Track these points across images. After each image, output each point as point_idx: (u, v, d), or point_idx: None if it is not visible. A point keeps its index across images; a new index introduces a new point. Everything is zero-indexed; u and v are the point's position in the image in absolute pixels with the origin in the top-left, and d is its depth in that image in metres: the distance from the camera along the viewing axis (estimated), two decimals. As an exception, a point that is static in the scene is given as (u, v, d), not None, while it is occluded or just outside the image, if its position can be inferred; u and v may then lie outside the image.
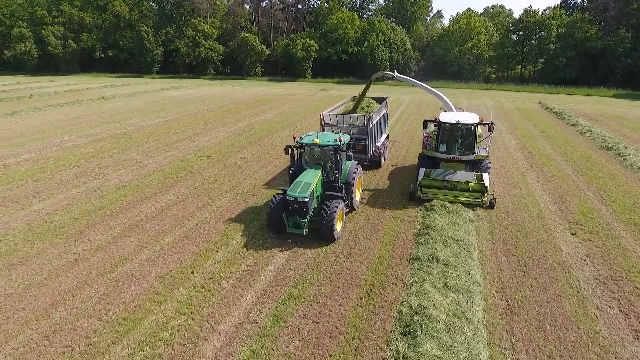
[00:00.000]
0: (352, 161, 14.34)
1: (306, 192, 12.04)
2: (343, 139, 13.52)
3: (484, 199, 14.80)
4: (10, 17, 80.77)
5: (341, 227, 12.80)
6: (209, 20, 78.42)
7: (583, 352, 8.28)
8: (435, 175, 15.58)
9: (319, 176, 12.97)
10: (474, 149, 15.80)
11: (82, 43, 77.90)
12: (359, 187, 15.08)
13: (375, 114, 18.35)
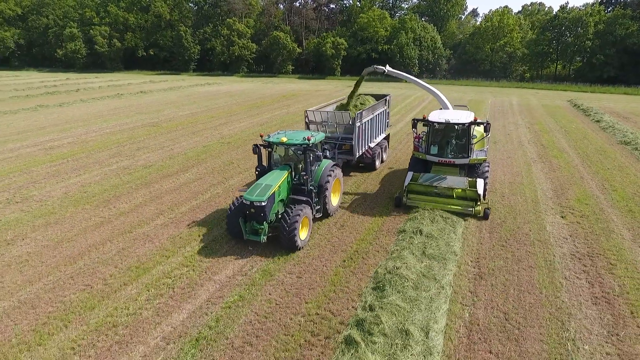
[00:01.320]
0: (329, 162, 13.30)
1: (263, 196, 10.94)
2: (313, 137, 12.35)
3: (476, 208, 13.27)
4: (62, 19, 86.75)
5: (307, 234, 11.70)
6: (244, 20, 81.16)
7: (538, 312, 8.95)
8: (424, 180, 14.26)
9: (284, 178, 11.89)
10: (468, 152, 14.28)
11: (126, 42, 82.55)
12: (336, 190, 13.90)
13: (366, 112, 16.91)
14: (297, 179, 12.48)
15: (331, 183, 12.96)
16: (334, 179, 13.23)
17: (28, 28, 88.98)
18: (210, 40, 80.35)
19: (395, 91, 46.17)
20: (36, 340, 8.16)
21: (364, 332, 8.04)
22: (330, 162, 13.41)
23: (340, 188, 14.24)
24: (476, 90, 52.12)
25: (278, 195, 11.60)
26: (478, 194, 13.20)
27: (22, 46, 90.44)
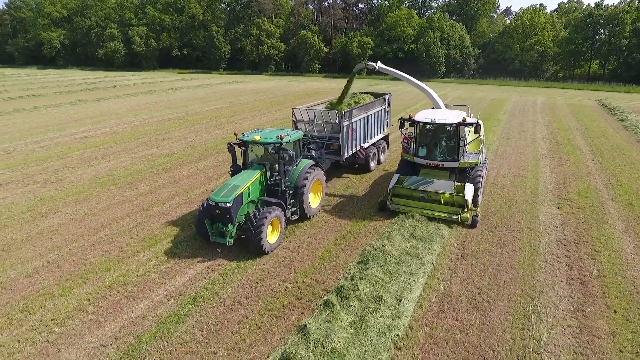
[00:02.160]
0: (308, 162, 12.83)
1: (229, 197, 10.52)
2: (288, 136, 11.81)
3: (463, 215, 12.38)
4: (104, 20, 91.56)
5: (278, 237, 11.25)
6: (274, 20, 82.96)
7: (511, 289, 9.47)
8: (409, 183, 13.44)
9: (256, 178, 11.43)
10: (458, 154, 13.31)
11: (161, 42, 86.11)
12: (317, 192, 13.40)
13: (357, 111, 15.94)
14: (272, 179, 11.89)
15: (309, 184, 12.36)
16: (313, 180, 12.65)
17: (73, 29, 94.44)
18: (241, 40, 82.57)
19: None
20: (59, 292, 9.46)
21: (341, 297, 8.85)
22: (310, 162, 12.86)
23: (322, 189, 13.55)
24: (502, 90, 51.33)
25: (247, 197, 11.13)
26: (465, 200, 12.29)
27: (67, 46, 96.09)
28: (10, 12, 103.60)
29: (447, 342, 7.82)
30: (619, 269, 10.24)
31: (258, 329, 8.24)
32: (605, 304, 8.91)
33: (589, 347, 7.68)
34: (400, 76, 17.14)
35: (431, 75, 64.70)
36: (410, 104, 37.44)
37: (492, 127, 26.71)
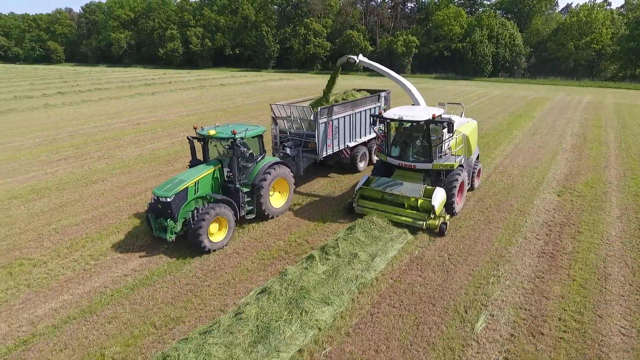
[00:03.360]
0: (271, 159, 12.45)
1: (170, 192, 10.28)
2: (244, 132, 11.41)
3: (428, 221, 11.37)
4: (165, 21, 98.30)
5: (225, 236, 10.90)
6: (323, 20, 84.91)
7: (480, 257, 10.31)
8: (377, 184, 12.60)
9: (206, 174, 11.12)
10: (431, 156, 12.17)
11: (216, 42, 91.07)
12: (283, 191, 13.00)
13: (339, 108, 14.97)
14: (228, 176, 11.58)
15: (268, 183, 11.90)
16: (274, 179, 12.18)
17: (138, 30, 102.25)
18: (290, 39, 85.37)
19: (453, 88, 46.07)
20: (97, 238, 11.62)
21: (322, 253, 10.19)
22: (273, 160, 12.48)
23: (289, 189, 13.04)
24: (550, 89, 49.49)
25: (194, 192, 10.82)
26: (432, 206, 11.21)
27: (132, 46, 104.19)
28: (86, 16, 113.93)
29: (405, 292, 8.92)
30: (595, 248, 10.70)
31: (248, 272, 9.81)
32: (567, 274, 9.53)
33: (534, 305, 8.46)
34: (381, 70, 16.08)
35: (476, 74, 63.41)
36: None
37: (521, 123, 26.60)
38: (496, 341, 7.45)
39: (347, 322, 7.95)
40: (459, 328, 7.80)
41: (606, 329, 7.75)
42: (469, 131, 13.48)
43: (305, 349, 7.24)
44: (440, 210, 11.55)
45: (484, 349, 7.26)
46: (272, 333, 7.47)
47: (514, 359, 7.03)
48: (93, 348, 7.44)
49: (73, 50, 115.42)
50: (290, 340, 7.38)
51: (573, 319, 8.00)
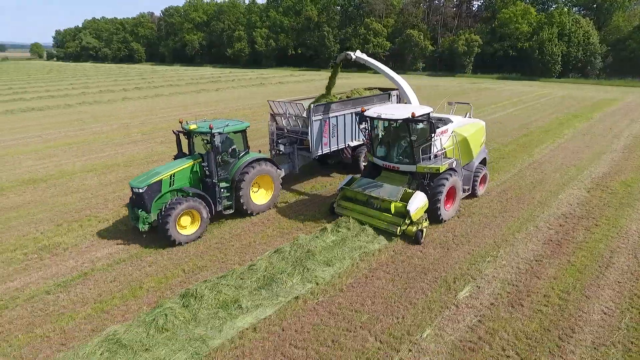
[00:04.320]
0: (254, 156, 12.28)
1: (142, 183, 10.57)
2: (223, 127, 11.40)
3: (402, 227, 10.68)
4: (234, 23, 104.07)
5: (197, 229, 10.99)
6: (384, 20, 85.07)
7: (485, 239, 10.80)
8: (358, 185, 12.06)
9: (184, 167, 11.28)
10: (414, 157, 11.35)
11: (279, 42, 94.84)
12: (267, 188, 12.93)
13: (337, 105, 14.45)
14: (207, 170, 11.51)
15: (249, 179, 11.88)
16: (256, 175, 12.13)
17: (210, 32, 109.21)
18: (350, 39, 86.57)
19: (513, 88, 44.38)
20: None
21: (335, 226, 11.29)
22: (256, 156, 12.31)
23: (274, 186, 12.93)
24: (625, 91, 45.82)
25: (168, 185, 10.99)
26: (407, 210, 10.53)
27: (204, 46, 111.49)
28: (165, 19, 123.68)
29: (402, 262, 9.78)
30: (607, 240, 10.72)
31: (268, 238, 11.21)
32: (568, 260, 9.79)
33: (523, 282, 8.93)
34: (376, 67, 15.28)
35: (544, 74, 60.14)
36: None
37: (574, 124, 25.58)
38: (474, 307, 8.12)
39: (343, 281, 9.02)
40: (442, 294, 8.55)
41: (589, 307, 8.07)
42: (469, 133, 12.54)
43: (301, 297, 8.43)
44: (418, 217, 10.75)
45: (461, 312, 7.97)
46: (276, 282, 8.76)
47: (487, 322, 7.67)
48: (135, 282, 9.22)
49: (153, 50, 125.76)
50: (289, 289, 8.62)
51: (558, 297, 8.39)
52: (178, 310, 7.82)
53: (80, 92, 46.22)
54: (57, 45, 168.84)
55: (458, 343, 7.16)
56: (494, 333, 7.38)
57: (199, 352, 6.94)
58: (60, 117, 30.40)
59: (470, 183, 13.06)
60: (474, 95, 40.55)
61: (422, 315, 7.90)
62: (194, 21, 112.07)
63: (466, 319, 7.78)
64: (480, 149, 13.43)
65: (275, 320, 7.77)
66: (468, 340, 7.21)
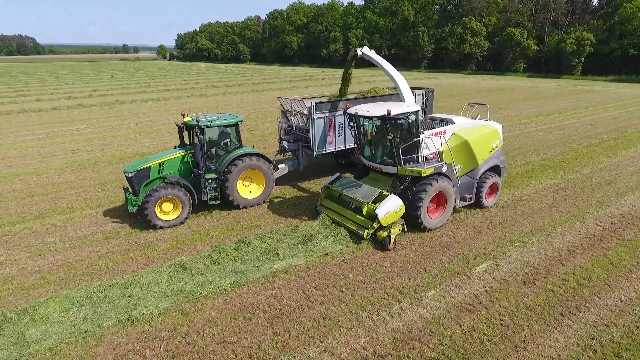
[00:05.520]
0: (245, 150, 12.48)
1: (132, 169, 11.51)
2: (210, 120, 11.75)
3: (370, 230, 10.17)
4: (332, 24, 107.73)
5: (178, 216, 11.56)
6: (485, 18, 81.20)
7: (522, 227, 11.05)
8: (339, 184, 11.75)
9: (174, 157, 12.03)
10: (394, 158, 10.54)
11: (373, 43, 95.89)
12: (259, 183, 13.06)
13: (343, 104, 13.48)
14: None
15: (235, 172, 12.14)
16: (244, 169, 12.35)
17: (308, 33, 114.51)
18: (446, 39, 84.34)
19: (624, 91, 39.87)
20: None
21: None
22: (246, 150, 12.51)
23: (265, 181, 13.01)
24: None
25: (157, 172, 11.75)
26: (375, 213, 9.93)
27: (302, 47, 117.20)
28: (269, 22, 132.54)
29: (430, 239, 10.58)
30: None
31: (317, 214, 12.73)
32: (604, 253, 9.68)
33: (544, 266, 9.18)
34: (378, 64, 13.60)
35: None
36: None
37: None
38: (485, 280, 8.70)
39: (369, 246, 10.16)
40: (458, 267, 9.24)
41: (606, 294, 8.14)
42: (473, 136, 11.45)
43: (330, 254, 9.80)
44: (390, 222, 10.01)
45: (470, 282, 8.63)
46: (312, 241, 10.25)
47: (492, 293, 8.25)
48: (204, 231, 11.42)
49: (256, 51, 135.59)
50: (322, 247, 10.04)
51: (576, 282, 8.55)
52: (230, 251, 9.75)
53: (190, 87, 52.72)
54: (178, 47, 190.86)
55: (457, 304, 7.92)
56: (495, 301, 7.97)
57: (239, 281, 8.73)
58: (170, 107, 35.54)
59: (474, 192, 11.93)
60: (573, 98, 37.53)
61: (432, 280, 8.74)
62: (295, 23, 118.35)
63: (473, 288, 8.44)
64: (491, 154, 12.03)
65: (303, 268, 9.26)
66: (468, 303, 7.92)
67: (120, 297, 8.22)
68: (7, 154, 20.54)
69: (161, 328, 7.38)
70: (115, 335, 7.23)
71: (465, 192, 11.86)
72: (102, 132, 25.41)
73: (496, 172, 12.35)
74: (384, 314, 7.65)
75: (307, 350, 6.80)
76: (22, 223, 12.27)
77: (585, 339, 6.93)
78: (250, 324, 7.48)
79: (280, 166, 14.34)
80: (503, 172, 12.68)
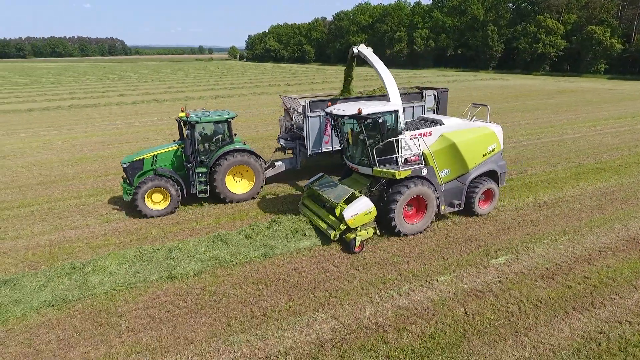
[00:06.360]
0: (235, 146, 12.76)
1: (127, 160, 12.43)
2: (200, 116, 12.21)
3: (337, 232, 9.90)
4: (397, 25, 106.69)
5: (167, 206, 12.16)
6: (565, 16, 75.83)
7: (553, 226, 10.81)
8: (318, 183, 11.73)
9: (168, 150, 12.65)
10: (369, 159, 10.22)
11: (439, 43, 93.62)
12: (248, 179, 13.31)
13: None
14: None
15: (224, 168, 12.53)
16: (232, 165, 12.68)
17: (373, 34, 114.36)
18: (519, 38, 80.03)
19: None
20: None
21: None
22: (236, 146, 12.79)
23: (255, 177, 13.23)
24: None
25: (150, 164, 12.43)
26: (341, 215, 9.67)
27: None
28: (335, 23, 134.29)
29: (455, 231, 10.77)
30: None
31: (350, 198, 13.32)
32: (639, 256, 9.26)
33: (568, 263, 9.03)
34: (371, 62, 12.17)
35: None
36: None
37: None
38: (501, 271, 8.80)
39: (391, 233, 10.60)
40: (477, 257, 9.40)
41: (628, 294, 7.90)
42: (462, 138, 10.69)
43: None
44: (358, 224, 9.66)
45: (485, 272, 8.78)
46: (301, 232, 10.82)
47: (505, 283, 8.36)
48: (243, 211, 12.54)
49: (321, 52, 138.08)
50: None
51: (599, 280, 8.36)
52: (263, 229, 10.73)
53: (254, 85, 55.47)
54: (248, 48, 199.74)
55: (467, 289, 8.17)
56: (506, 290, 8.09)
57: (267, 254, 9.65)
58: (233, 103, 37.88)
59: (463, 198, 11.22)
60: (655, 101, 34.22)
61: (448, 267, 9.02)
62: (360, 24, 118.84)
63: (487, 277, 8.60)
64: (485, 159, 11.21)
65: (326, 248, 9.96)
66: (478, 290, 8.13)
67: (165, 259, 9.51)
68: (91, 140, 23.51)
69: (194, 286, 8.50)
70: (156, 288, 8.47)
71: (454, 198, 11.16)
72: (171, 124, 27.93)
73: (493, 178, 11.59)
74: (392, 292, 8.13)
75: (314, 315, 7.51)
76: (96, 196, 14.28)
77: (592, 332, 6.90)
78: (269, 290, 8.35)
79: (277, 164, 14.57)
80: (503, 179, 11.84)
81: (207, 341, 6.90)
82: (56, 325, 7.41)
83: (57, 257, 9.95)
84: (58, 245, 10.60)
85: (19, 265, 9.59)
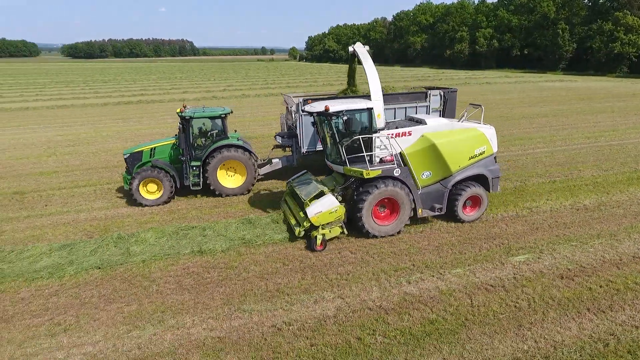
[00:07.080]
0: (228, 142, 13.21)
1: (128, 151, 13.32)
2: (194, 112, 12.80)
3: (301, 229, 9.80)
4: (459, 24, 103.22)
5: (161, 196, 12.83)
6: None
7: (587, 230, 10.36)
8: (298, 180, 11.62)
9: (164, 144, 13.41)
10: (342, 157, 9.95)
11: (503, 42, 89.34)
12: (240, 173, 13.60)
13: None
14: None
15: (215, 162, 12.99)
16: (224, 160, 13.08)
17: (433, 34, 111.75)
18: (594, 37, 74.32)
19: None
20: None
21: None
22: (228, 142, 13.22)
23: (247, 172, 13.51)
24: None
25: (148, 156, 13.25)
26: (305, 212, 9.71)
27: (425, 48, 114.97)
28: (395, 23, 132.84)
29: (478, 229, 10.67)
30: None
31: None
32: None
33: (593, 265, 8.69)
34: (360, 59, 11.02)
35: None
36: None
37: None
38: (519, 268, 8.67)
39: (416, 228, 10.73)
40: (496, 254, 9.31)
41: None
42: (444, 140, 10.13)
43: (375, 228, 10.67)
44: (323, 222, 9.59)
45: (502, 268, 8.71)
46: (362, 216, 11.22)
47: (520, 280, 8.24)
48: (275, 200, 13.28)
49: (379, 52, 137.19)
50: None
51: (623, 284, 7.99)
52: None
53: (309, 85, 56.69)
54: (307, 48, 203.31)
55: (478, 283, 8.19)
56: (519, 287, 8.00)
57: (290, 238, 10.25)
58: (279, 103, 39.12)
59: (444, 202, 10.69)
60: None
61: (464, 261, 9.05)
62: (420, 24, 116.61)
63: (502, 273, 8.53)
64: (472, 162, 10.56)
65: (346, 236, 10.32)
66: (489, 284, 8.13)
67: (198, 235, 10.46)
68: (152, 132, 25.65)
69: (219, 261, 9.31)
70: (187, 260, 9.39)
71: (435, 201, 10.67)
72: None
73: (482, 183, 10.91)
74: (402, 279, 8.37)
75: (323, 293, 7.97)
76: (148, 180, 15.75)
77: (601, 333, 6.70)
78: (286, 269, 8.93)
79: (274, 161, 14.78)
80: (496, 184, 11.06)
81: (222, 307, 7.63)
82: (100, 283, 8.54)
83: (109, 228, 11.29)
84: (112, 219, 12.00)
85: (77, 234, 11.04)
